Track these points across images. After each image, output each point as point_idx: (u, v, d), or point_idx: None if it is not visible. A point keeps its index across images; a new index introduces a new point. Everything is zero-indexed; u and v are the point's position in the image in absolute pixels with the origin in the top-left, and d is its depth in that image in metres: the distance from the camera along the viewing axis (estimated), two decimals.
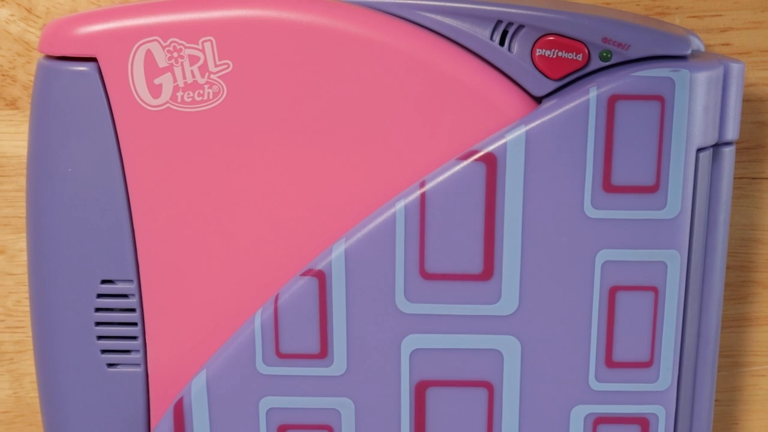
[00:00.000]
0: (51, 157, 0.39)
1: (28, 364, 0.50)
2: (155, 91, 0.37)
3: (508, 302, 0.39)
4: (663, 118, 0.37)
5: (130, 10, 0.37)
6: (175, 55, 0.37)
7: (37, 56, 0.40)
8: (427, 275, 0.38)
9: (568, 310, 0.39)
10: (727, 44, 0.43)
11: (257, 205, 0.39)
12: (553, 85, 0.38)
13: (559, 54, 0.38)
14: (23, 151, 0.47)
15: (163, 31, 0.37)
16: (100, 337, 0.40)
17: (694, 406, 0.42)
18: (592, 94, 0.37)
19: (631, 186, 0.38)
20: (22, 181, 0.47)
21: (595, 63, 0.38)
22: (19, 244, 0.48)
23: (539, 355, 0.39)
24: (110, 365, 0.40)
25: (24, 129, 0.47)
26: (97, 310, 0.40)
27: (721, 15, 0.43)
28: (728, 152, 0.39)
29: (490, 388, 0.40)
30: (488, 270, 0.38)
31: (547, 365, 0.39)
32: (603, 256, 0.39)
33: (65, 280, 0.40)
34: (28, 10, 0.46)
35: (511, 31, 0.38)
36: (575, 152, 0.37)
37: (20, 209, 0.48)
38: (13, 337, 0.50)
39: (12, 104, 0.47)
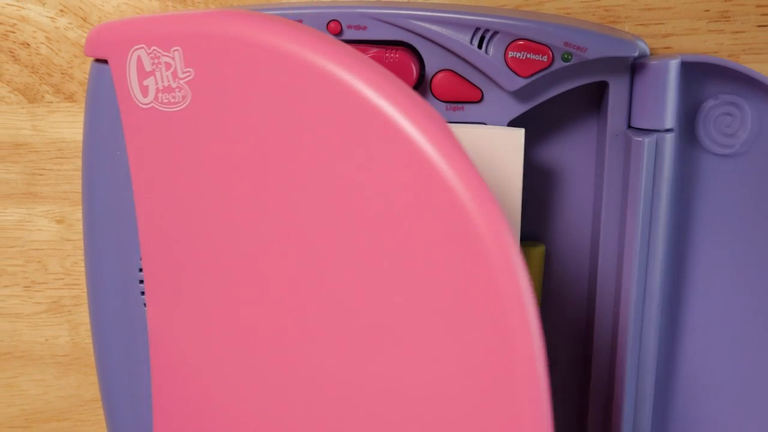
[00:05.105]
0: (101, 142, 0.40)
1: (83, 316, 0.50)
2: (144, 91, 0.37)
3: None
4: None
5: (135, 21, 0.37)
6: (156, 61, 0.36)
7: (91, 57, 0.40)
8: None
9: None
10: (668, 48, 0.43)
11: (217, 199, 0.36)
12: (523, 82, 0.39)
13: (528, 56, 0.38)
14: (79, 137, 0.47)
15: (148, 40, 0.36)
16: (143, 293, 0.40)
17: None
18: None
19: None
20: (79, 162, 0.48)
21: (558, 63, 0.38)
22: (76, 214, 0.49)
23: None
24: None
25: (80, 119, 0.47)
26: (141, 269, 0.40)
27: (663, 23, 0.43)
28: (669, 138, 0.39)
29: None
30: None
31: None
32: None
33: (114, 244, 0.40)
34: (83, 19, 0.46)
35: (487, 36, 0.38)
36: None
37: (77, 186, 0.48)
38: (71, 292, 0.50)
39: (70, 98, 0.47)
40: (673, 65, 0.38)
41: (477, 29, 0.38)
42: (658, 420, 0.43)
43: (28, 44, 0.47)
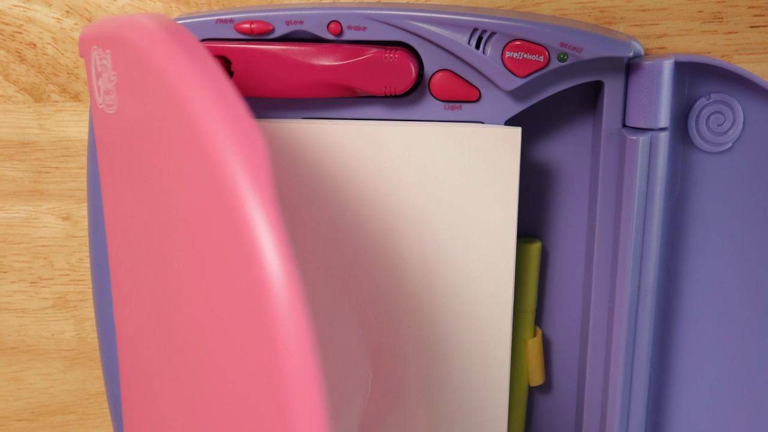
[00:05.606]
0: None
1: (88, 311, 0.50)
2: (99, 91, 0.36)
3: None
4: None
5: (99, 23, 0.35)
6: (101, 62, 0.35)
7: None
8: None
9: None
10: (662, 48, 0.44)
11: (127, 204, 0.34)
12: (520, 82, 0.39)
13: (525, 56, 0.38)
14: (85, 136, 0.47)
15: (97, 41, 0.35)
16: None
17: None
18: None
19: None
20: (84, 160, 0.48)
21: (554, 63, 0.38)
22: (81, 211, 0.49)
23: None
24: None
25: (85, 117, 0.47)
26: None
27: (657, 24, 0.43)
28: (663, 136, 0.39)
29: None
30: None
31: None
32: None
33: None
34: (89, 20, 0.46)
35: (485, 37, 0.39)
36: None
37: (82, 183, 0.48)
38: (76, 288, 0.50)
39: (75, 97, 0.47)
40: (667, 65, 0.38)
41: (475, 30, 0.38)
42: (652, 414, 0.43)
43: (35, 45, 0.47)
